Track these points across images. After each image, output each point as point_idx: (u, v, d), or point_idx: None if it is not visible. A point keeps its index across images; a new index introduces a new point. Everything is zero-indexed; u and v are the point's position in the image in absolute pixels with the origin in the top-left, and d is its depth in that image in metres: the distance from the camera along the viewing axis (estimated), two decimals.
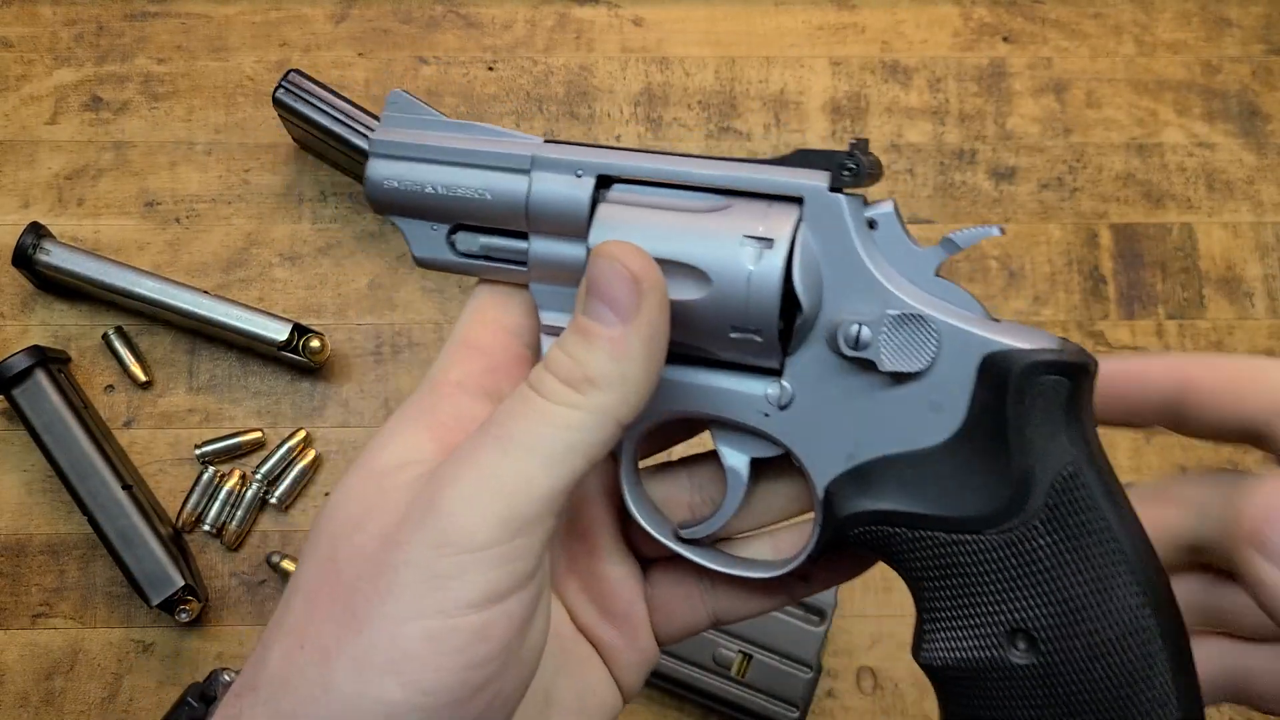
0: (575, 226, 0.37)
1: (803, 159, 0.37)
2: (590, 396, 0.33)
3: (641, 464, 0.41)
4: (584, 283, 0.34)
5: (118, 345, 0.75)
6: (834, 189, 0.36)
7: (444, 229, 0.39)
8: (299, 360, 0.74)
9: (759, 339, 0.35)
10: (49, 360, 0.72)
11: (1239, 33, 0.86)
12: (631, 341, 0.34)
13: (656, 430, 0.40)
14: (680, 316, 0.35)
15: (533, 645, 0.34)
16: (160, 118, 0.81)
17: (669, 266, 0.35)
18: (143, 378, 0.75)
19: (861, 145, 0.36)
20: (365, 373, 0.77)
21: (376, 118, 0.75)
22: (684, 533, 0.40)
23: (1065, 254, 0.81)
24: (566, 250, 0.38)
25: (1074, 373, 0.34)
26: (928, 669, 0.36)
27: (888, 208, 0.36)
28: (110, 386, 0.76)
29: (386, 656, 0.31)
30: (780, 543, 0.41)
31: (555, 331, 0.38)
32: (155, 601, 0.69)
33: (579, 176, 0.37)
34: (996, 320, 0.36)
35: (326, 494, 0.74)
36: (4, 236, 0.77)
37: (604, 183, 0.37)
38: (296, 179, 0.80)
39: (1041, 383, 0.34)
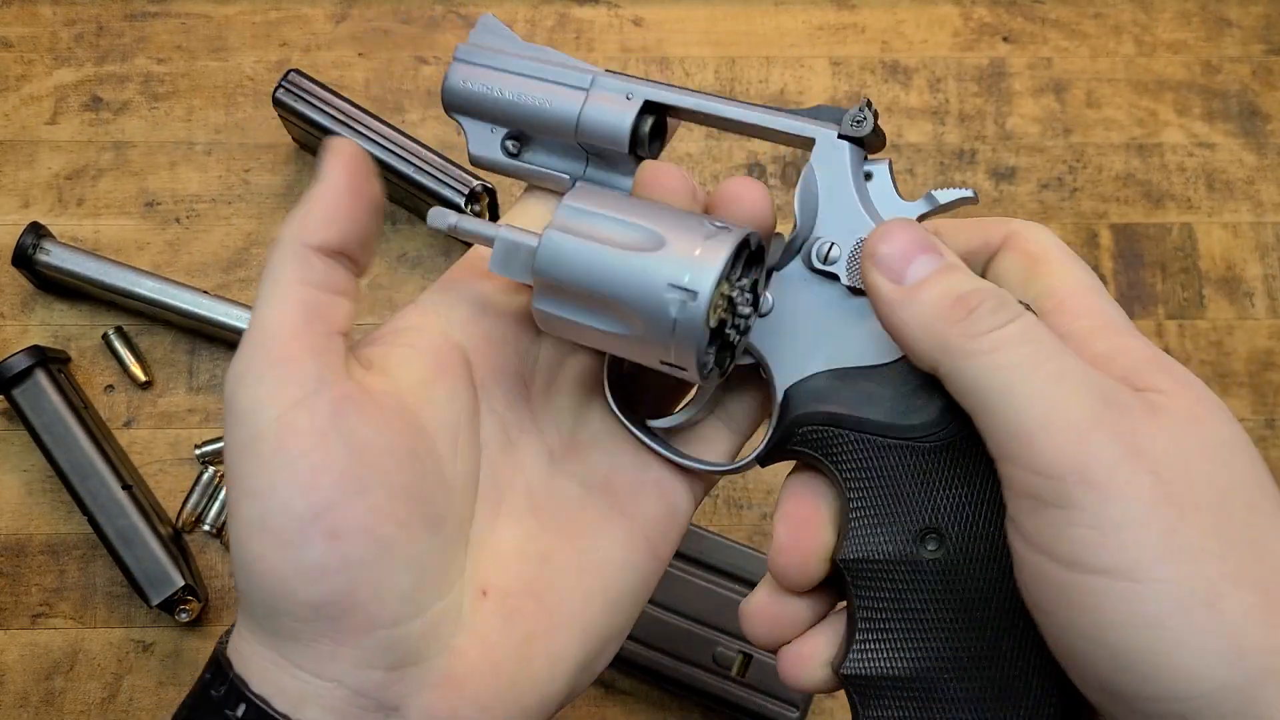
0: (618, 143, 0.42)
1: (820, 112, 0.42)
2: (283, 228, 0.39)
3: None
4: None
5: (118, 345, 0.75)
6: (841, 136, 0.41)
7: (501, 132, 0.44)
8: None
9: (683, 373, 0.39)
10: (49, 360, 0.72)
11: (1239, 33, 0.86)
12: (324, 175, 0.39)
13: None
14: (621, 344, 0.40)
15: (369, 438, 0.38)
16: (160, 118, 0.81)
17: (606, 300, 0.39)
18: (143, 378, 0.75)
19: (864, 107, 0.41)
20: None
21: (377, 118, 0.76)
22: (651, 423, 0.44)
23: None
24: (605, 174, 0.44)
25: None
26: (843, 563, 0.39)
27: (883, 165, 0.42)
28: (110, 386, 0.76)
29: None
30: (718, 445, 0.46)
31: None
32: (155, 601, 0.69)
33: (629, 99, 0.42)
34: None
35: None
36: (4, 236, 0.77)
37: (651, 109, 0.42)
38: (297, 179, 0.80)
39: None
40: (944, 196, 0.41)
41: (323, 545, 0.36)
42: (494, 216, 0.77)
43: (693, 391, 0.46)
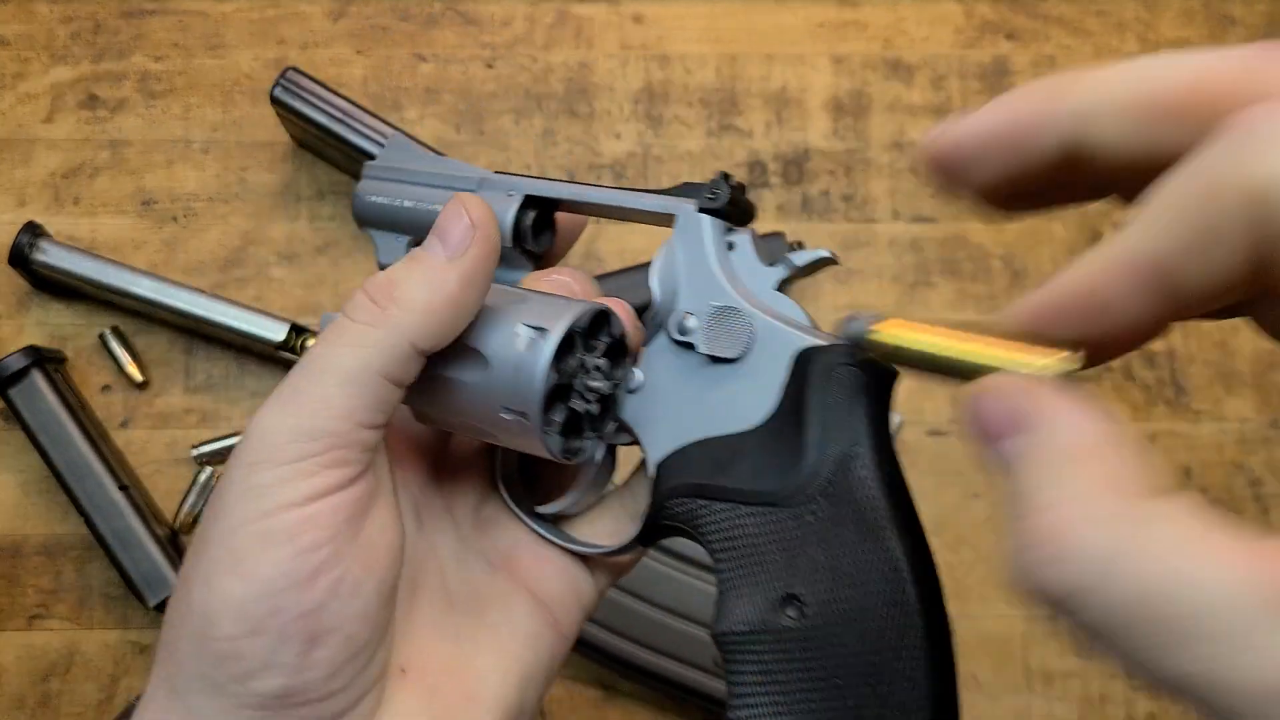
0: (502, 237, 0.42)
1: (686, 189, 0.42)
2: (389, 313, 0.37)
3: None
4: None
5: (114, 345, 0.75)
6: (701, 210, 0.42)
7: (405, 239, 0.46)
8: (296, 360, 0.73)
9: (526, 420, 0.39)
10: (45, 360, 0.71)
11: (1242, 30, 0.86)
12: (448, 275, 0.37)
13: None
14: (461, 396, 0.40)
15: (374, 537, 0.37)
16: (157, 116, 0.80)
17: (464, 351, 0.40)
18: (139, 378, 0.75)
19: (720, 181, 0.42)
20: None
21: (375, 115, 0.75)
22: (539, 509, 0.45)
23: (1069, 252, 0.80)
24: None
25: (868, 367, 0.38)
26: (717, 637, 0.39)
27: (745, 235, 0.42)
28: (107, 387, 0.75)
29: (225, 562, 0.35)
30: (617, 528, 0.45)
31: None
32: (152, 603, 0.68)
33: (510, 195, 0.43)
34: (820, 331, 0.40)
35: None
36: (0, 235, 0.76)
37: (531, 203, 0.44)
38: (294, 177, 0.79)
39: (837, 373, 0.38)
40: (800, 259, 0.42)
41: (294, 647, 0.35)
42: None
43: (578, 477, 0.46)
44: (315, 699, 0.36)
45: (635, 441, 0.42)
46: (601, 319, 0.41)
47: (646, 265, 0.73)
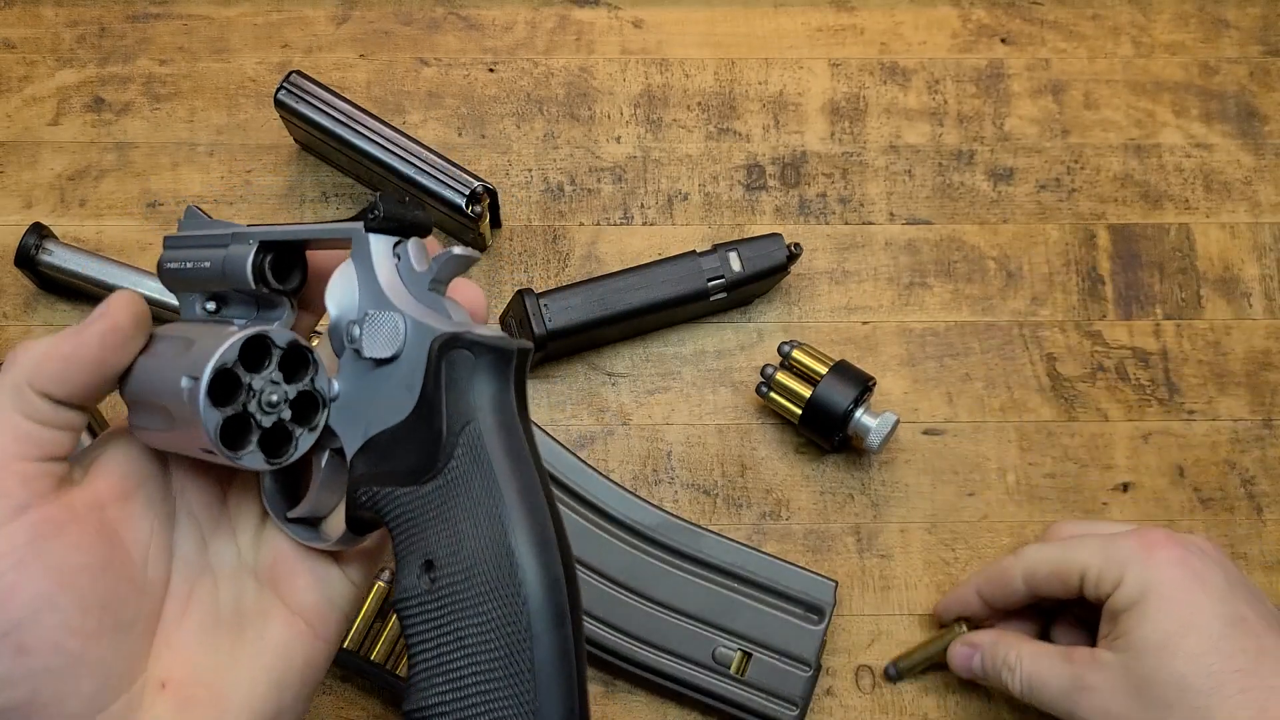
0: (246, 281, 0.47)
1: (361, 214, 0.46)
2: (9, 366, 0.43)
3: None
4: None
5: None
6: (368, 229, 0.45)
7: (198, 296, 0.50)
8: None
9: (216, 456, 0.44)
10: None
11: (1237, 34, 0.87)
12: (68, 334, 0.44)
13: None
14: (171, 440, 0.45)
15: (67, 558, 0.41)
16: (162, 119, 0.81)
17: (151, 403, 0.45)
18: None
19: (376, 201, 0.45)
20: None
21: (378, 119, 0.76)
22: (289, 513, 0.49)
23: (1063, 254, 0.81)
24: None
25: (476, 348, 0.42)
26: (393, 604, 0.43)
27: (409, 245, 0.45)
28: None
29: None
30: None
31: None
32: None
33: (250, 244, 0.47)
34: (476, 325, 0.44)
35: None
36: (6, 237, 0.77)
37: (265, 248, 0.47)
38: (298, 180, 0.80)
39: (453, 356, 0.42)
40: (443, 257, 0.45)
41: (9, 660, 0.39)
42: (495, 218, 0.78)
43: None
44: (47, 706, 0.40)
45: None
46: (259, 340, 0.44)
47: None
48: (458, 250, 0.44)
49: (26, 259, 0.74)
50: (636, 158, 0.82)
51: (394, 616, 0.70)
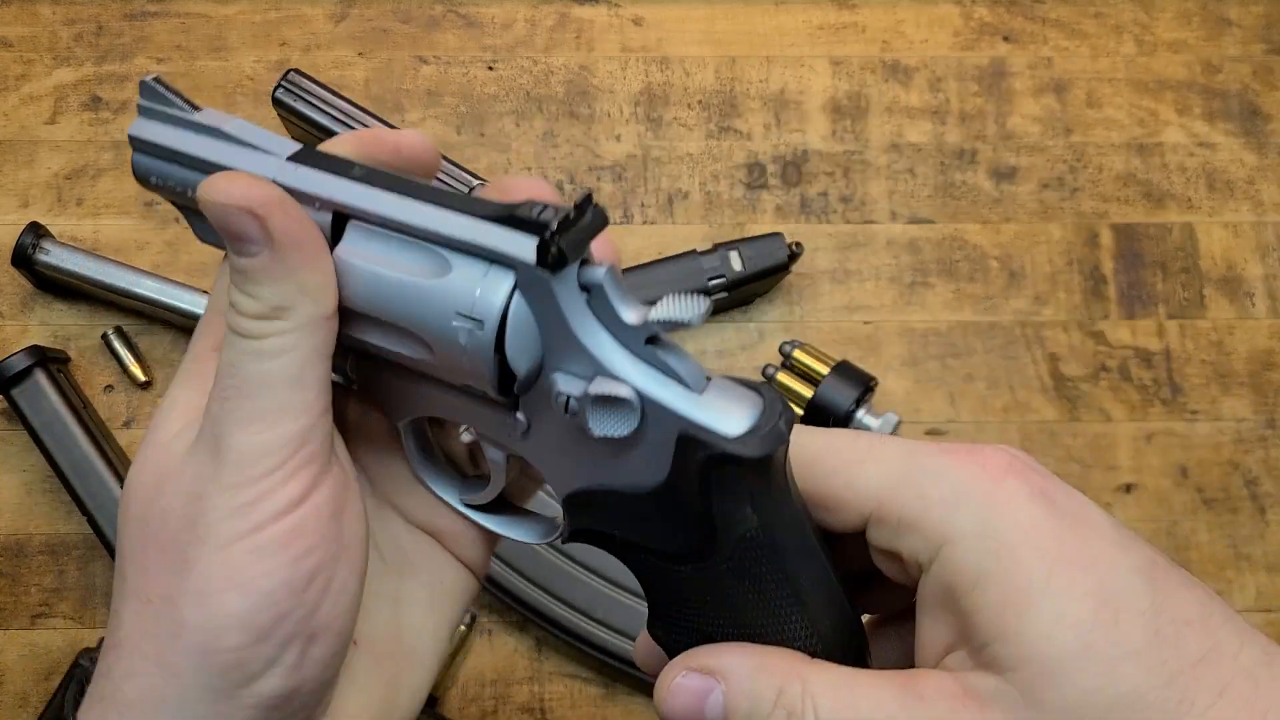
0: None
1: (516, 221, 0.35)
2: (290, 319, 0.36)
3: None
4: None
5: (117, 345, 0.75)
6: (540, 265, 0.35)
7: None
8: None
9: (488, 394, 0.38)
10: (48, 360, 0.72)
11: (1239, 32, 0.86)
12: (283, 258, 0.36)
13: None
14: (417, 366, 0.39)
15: (352, 531, 0.38)
16: None
17: (396, 328, 0.38)
18: (142, 378, 0.75)
19: (578, 208, 0.35)
20: None
21: (377, 117, 0.76)
22: (465, 499, 0.44)
23: (1066, 254, 0.81)
24: None
25: (752, 461, 0.36)
26: (658, 642, 0.41)
27: (600, 275, 0.36)
28: (110, 386, 0.76)
29: (222, 578, 0.35)
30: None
31: None
32: None
33: (317, 210, 0.38)
34: (707, 381, 0.37)
35: None
36: (3, 236, 0.77)
37: (341, 217, 0.38)
38: None
39: (723, 471, 0.36)
40: (663, 320, 0.35)
41: (300, 647, 0.36)
42: None
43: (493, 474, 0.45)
44: (309, 694, 0.37)
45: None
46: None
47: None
48: (673, 313, 0.35)
49: (23, 258, 0.73)
50: (636, 156, 0.82)
51: None
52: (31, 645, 0.71)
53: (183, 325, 0.75)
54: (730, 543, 0.37)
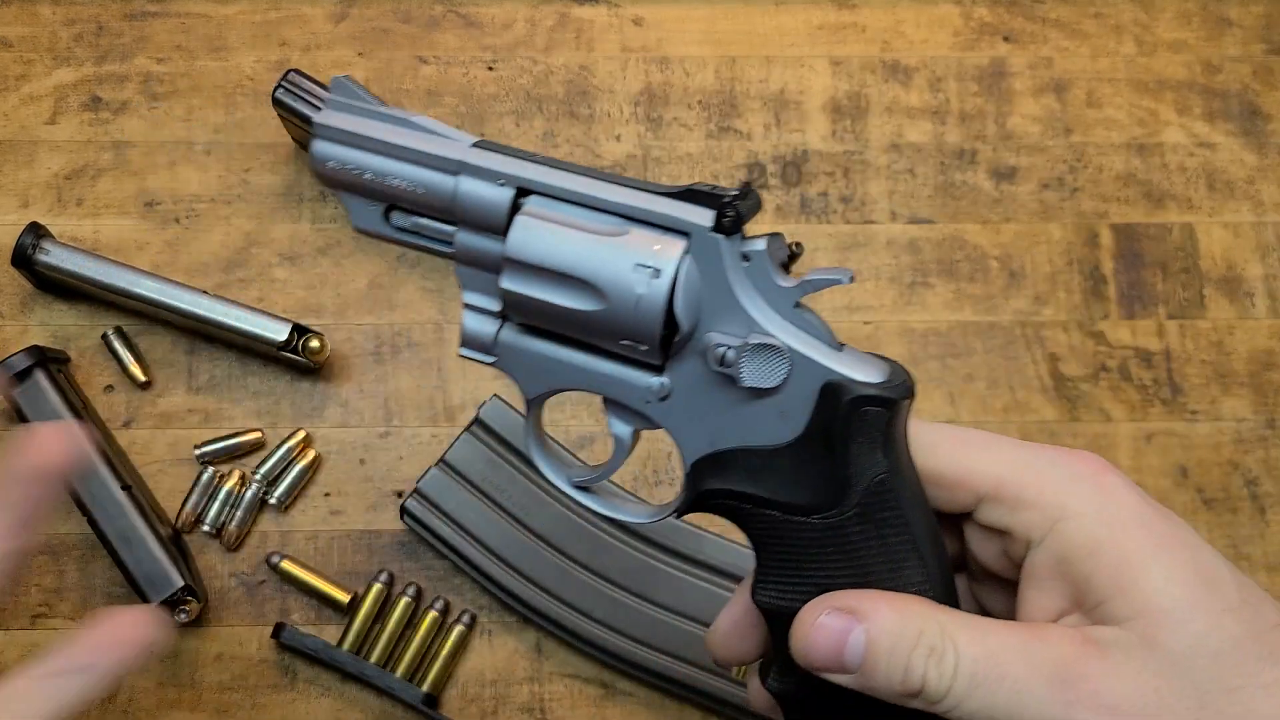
0: (496, 225, 0.43)
1: (693, 195, 0.42)
2: None
3: None
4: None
5: (117, 345, 0.75)
6: (715, 230, 0.41)
7: (380, 206, 0.46)
8: (298, 360, 0.74)
9: (643, 348, 0.43)
10: (48, 360, 0.72)
11: (1240, 32, 0.86)
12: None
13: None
14: (580, 321, 0.43)
15: None
16: (160, 117, 0.81)
17: (572, 279, 0.42)
18: (142, 378, 0.75)
19: (744, 190, 0.42)
20: (365, 373, 0.77)
21: None
22: (575, 480, 0.48)
23: (1066, 254, 0.81)
24: (487, 244, 0.44)
25: (890, 405, 0.41)
26: (762, 608, 0.44)
27: (761, 245, 0.42)
28: (110, 386, 0.76)
29: None
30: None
31: (475, 309, 0.46)
32: (155, 602, 0.69)
33: (500, 185, 0.43)
34: (840, 346, 0.43)
35: (326, 494, 0.74)
36: (3, 236, 0.77)
37: (522, 193, 0.43)
38: (296, 179, 0.80)
39: (864, 412, 0.41)
40: (818, 282, 0.42)
41: None
42: None
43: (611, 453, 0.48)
44: None
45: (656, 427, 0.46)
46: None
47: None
48: (842, 279, 0.42)
49: (23, 258, 0.73)
50: (636, 156, 0.82)
51: (392, 619, 0.70)
52: (32, 645, 0.71)
53: (182, 325, 0.75)
54: (859, 489, 0.41)
